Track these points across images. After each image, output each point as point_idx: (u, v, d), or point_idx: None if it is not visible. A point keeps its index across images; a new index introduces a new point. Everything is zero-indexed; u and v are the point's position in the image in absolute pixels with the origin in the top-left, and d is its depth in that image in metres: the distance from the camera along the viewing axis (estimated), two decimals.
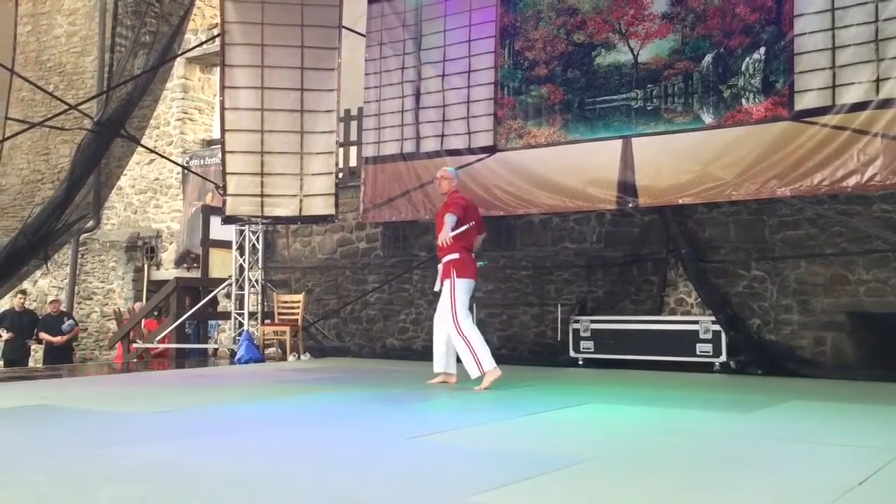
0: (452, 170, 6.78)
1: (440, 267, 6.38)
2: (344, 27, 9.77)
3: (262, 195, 9.57)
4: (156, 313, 11.58)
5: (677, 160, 7.81)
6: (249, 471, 3.38)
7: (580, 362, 8.53)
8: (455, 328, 6.14)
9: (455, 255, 6.27)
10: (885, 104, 6.86)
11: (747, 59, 7.54)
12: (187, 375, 8.18)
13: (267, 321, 10.24)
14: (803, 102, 7.24)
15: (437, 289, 6.48)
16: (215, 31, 11.31)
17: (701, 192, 7.70)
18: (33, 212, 10.49)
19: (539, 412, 5.11)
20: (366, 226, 10.73)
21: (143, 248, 13.93)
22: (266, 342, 10.12)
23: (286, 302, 10.21)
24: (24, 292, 11.76)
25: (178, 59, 11.47)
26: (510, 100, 8.84)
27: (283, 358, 9.74)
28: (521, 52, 8.82)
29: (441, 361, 6.48)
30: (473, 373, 6.11)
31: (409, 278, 10.40)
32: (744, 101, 7.56)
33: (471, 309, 6.43)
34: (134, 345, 11.04)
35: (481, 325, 9.56)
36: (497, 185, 8.78)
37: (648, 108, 8.04)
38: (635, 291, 8.96)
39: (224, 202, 9.66)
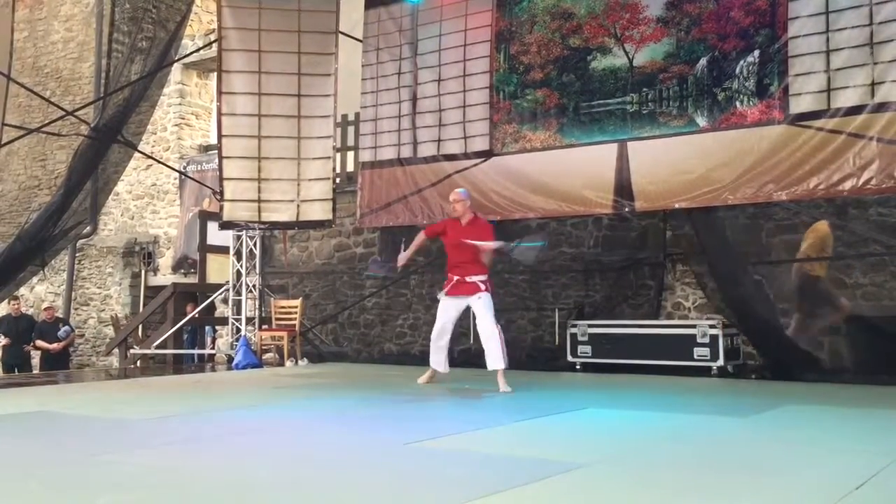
0: (464, 192, 7.07)
1: (471, 280, 6.68)
2: (341, 33, 9.77)
3: (259, 200, 9.56)
4: None
5: (673, 164, 7.82)
6: (247, 476, 3.38)
7: (578, 367, 8.53)
8: (496, 327, 6.61)
9: (486, 276, 6.75)
10: (880, 108, 6.86)
11: (742, 63, 7.55)
12: (185, 381, 8.17)
13: (264, 326, 10.23)
14: (798, 106, 7.24)
15: (440, 297, 6.93)
16: (212, 37, 11.31)
17: (697, 195, 7.70)
18: (30, 218, 10.50)
19: (537, 417, 5.11)
20: (363, 231, 10.73)
21: (140, 254, 13.92)
22: (263, 347, 10.11)
23: (283, 307, 10.20)
24: (17, 298, 11.73)
25: (175, 64, 11.48)
26: (506, 104, 8.85)
27: (281, 363, 9.72)
28: (516, 57, 8.83)
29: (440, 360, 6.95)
30: (500, 364, 6.47)
31: (407, 283, 10.40)
32: (738, 104, 7.56)
33: (467, 313, 6.74)
34: (131, 350, 11.03)
35: None
36: (493, 190, 8.78)
37: (644, 112, 8.05)
38: (633, 295, 8.96)
39: (221, 207, 9.65)
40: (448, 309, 6.81)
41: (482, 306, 6.62)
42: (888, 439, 4.31)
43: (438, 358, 6.88)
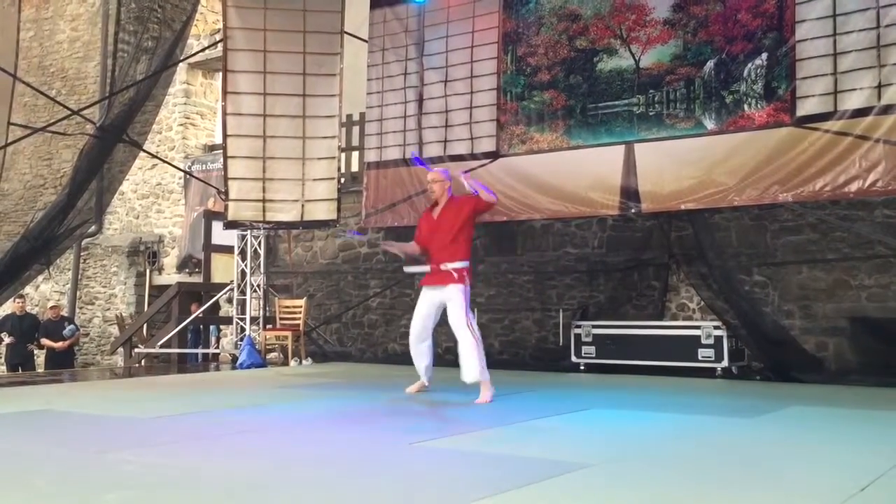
0: (445, 171, 6.40)
1: (445, 268, 5.97)
2: (346, 33, 9.79)
3: (263, 200, 9.58)
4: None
5: (680, 166, 7.82)
6: (252, 476, 3.38)
7: (582, 367, 8.53)
8: (472, 332, 5.88)
9: (466, 263, 6.04)
10: (886, 110, 6.86)
11: (749, 65, 7.55)
12: (189, 380, 8.18)
13: (269, 326, 10.25)
14: (805, 108, 7.25)
15: (412, 270, 6.31)
16: (218, 37, 11.34)
17: (703, 197, 7.70)
18: (35, 217, 10.51)
19: (541, 417, 5.11)
20: (367, 231, 10.73)
21: (145, 253, 13.95)
22: (268, 347, 10.12)
23: (288, 307, 10.21)
24: (21, 296, 11.76)
25: (181, 64, 11.50)
26: (513, 105, 8.86)
27: (285, 363, 9.74)
28: (523, 58, 8.83)
29: (423, 376, 6.31)
30: (475, 377, 5.83)
31: (411, 283, 10.40)
32: (746, 106, 7.57)
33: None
34: (136, 349, 11.05)
35: (483, 329, 9.57)
36: (500, 191, 8.73)
37: (650, 114, 8.05)
38: (637, 296, 8.96)
39: (226, 207, 9.67)
40: (424, 302, 6.14)
41: (454, 306, 5.89)
42: (893, 441, 4.31)
43: (420, 364, 6.26)
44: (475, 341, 5.83)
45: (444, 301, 6.00)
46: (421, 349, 6.23)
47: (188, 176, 13.19)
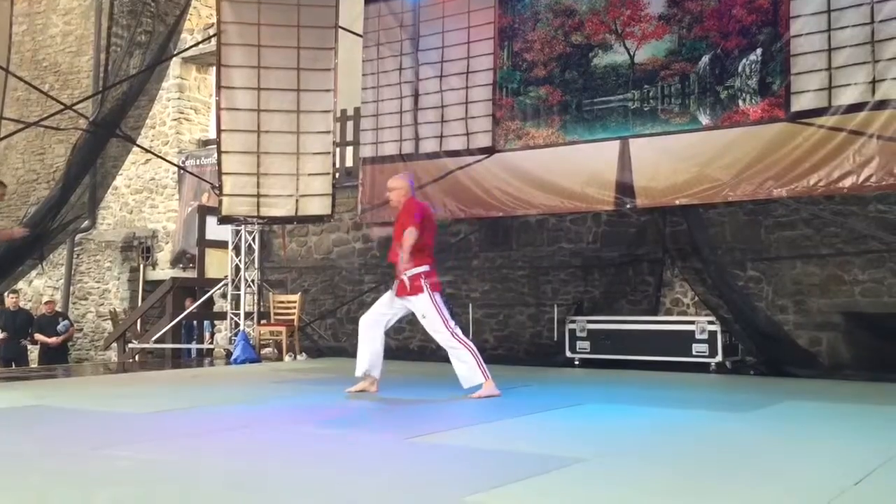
0: (406, 176, 6.24)
1: (404, 279, 5.83)
2: (340, 27, 9.77)
3: (258, 195, 9.57)
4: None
5: (675, 161, 7.83)
6: (246, 472, 3.38)
7: (576, 362, 8.54)
8: (454, 338, 5.79)
9: (426, 268, 5.87)
10: (880, 105, 6.88)
11: (744, 61, 7.56)
12: (183, 376, 8.17)
13: (263, 321, 10.23)
14: (800, 104, 7.26)
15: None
16: (211, 31, 11.30)
17: (698, 192, 7.72)
18: (29, 212, 10.49)
19: (535, 412, 5.11)
20: (362, 226, 10.72)
21: (138, 249, 13.92)
22: (262, 342, 10.11)
23: (282, 302, 10.20)
24: (15, 291, 11.74)
25: (174, 58, 11.46)
26: (509, 101, 8.85)
27: (280, 358, 9.73)
28: (519, 54, 8.83)
29: (366, 365, 6.07)
30: (475, 380, 5.77)
31: None
32: (740, 102, 7.58)
33: (466, 309, 6.36)
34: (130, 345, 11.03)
35: (477, 325, 9.60)
36: (495, 186, 8.78)
37: (645, 109, 8.06)
38: (631, 292, 8.97)
39: (220, 202, 9.65)
40: (389, 300, 6.04)
41: (431, 323, 5.76)
42: (886, 435, 4.32)
43: (366, 352, 6.00)
44: (468, 350, 5.75)
45: (413, 312, 5.94)
46: (371, 335, 6.01)
47: (182, 171, 13.15)
